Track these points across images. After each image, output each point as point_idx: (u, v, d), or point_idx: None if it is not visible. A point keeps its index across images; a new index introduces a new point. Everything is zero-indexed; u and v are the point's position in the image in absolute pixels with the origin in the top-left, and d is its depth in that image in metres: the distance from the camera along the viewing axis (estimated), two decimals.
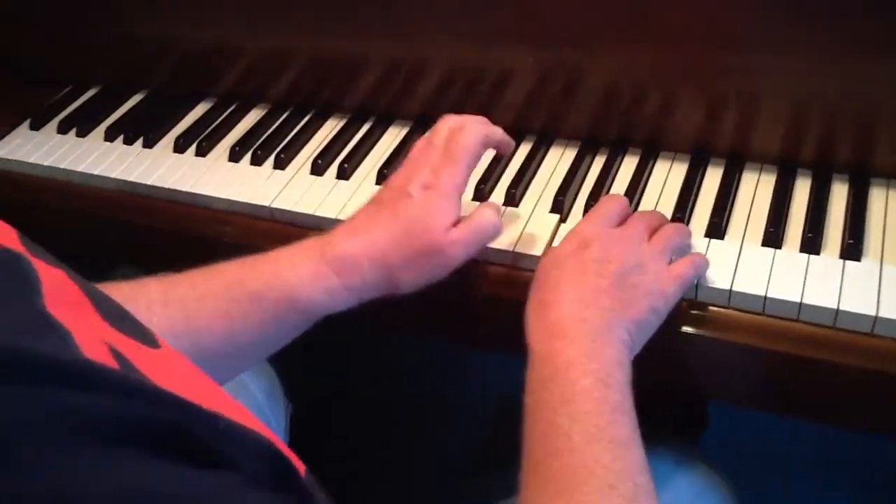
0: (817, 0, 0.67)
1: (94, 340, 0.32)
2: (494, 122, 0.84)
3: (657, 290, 0.61)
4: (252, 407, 0.81)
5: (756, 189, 0.74)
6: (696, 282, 0.65)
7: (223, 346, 0.59)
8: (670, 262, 0.64)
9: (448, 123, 0.68)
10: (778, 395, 0.70)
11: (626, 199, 0.68)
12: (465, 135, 0.66)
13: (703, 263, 0.65)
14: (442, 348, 1.36)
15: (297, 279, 0.60)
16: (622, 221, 0.66)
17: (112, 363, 0.31)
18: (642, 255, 0.62)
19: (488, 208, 0.65)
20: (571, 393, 0.53)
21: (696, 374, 0.70)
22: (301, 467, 0.38)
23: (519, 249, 0.71)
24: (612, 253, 0.61)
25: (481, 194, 0.77)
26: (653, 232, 0.65)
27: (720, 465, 0.76)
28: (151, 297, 0.58)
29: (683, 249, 0.67)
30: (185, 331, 0.57)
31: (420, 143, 0.68)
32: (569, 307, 0.58)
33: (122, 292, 0.56)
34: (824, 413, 0.70)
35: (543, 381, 0.55)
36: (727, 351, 0.65)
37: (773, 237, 0.68)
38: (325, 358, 1.29)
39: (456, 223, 0.63)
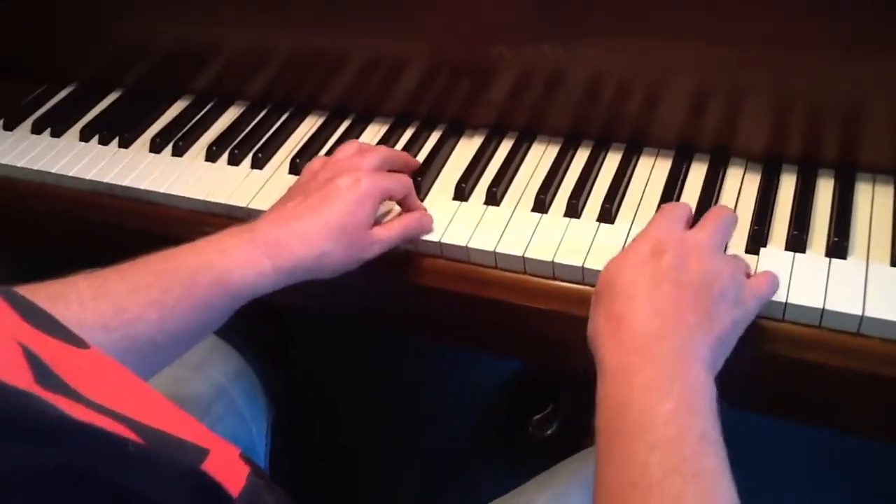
0: None
1: (4, 341, 0.30)
2: (476, 119, 0.84)
3: (739, 303, 0.57)
4: (232, 412, 0.79)
5: (741, 185, 0.73)
6: None
7: (156, 335, 0.58)
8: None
9: (383, 149, 0.73)
10: (763, 397, 0.69)
11: (689, 206, 0.63)
12: (373, 149, 0.72)
13: (777, 281, 0.62)
14: (424, 347, 1.35)
15: (227, 263, 0.61)
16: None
17: (22, 366, 0.30)
18: (723, 263, 0.57)
19: (415, 222, 0.70)
20: (650, 418, 0.48)
21: None
22: (236, 485, 0.36)
23: (500, 250, 0.70)
24: (692, 259, 0.56)
25: (462, 193, 0.76)
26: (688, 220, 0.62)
27: None
28: (82, 293, 0.57)
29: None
30: (117, 323, 0.56)
31: (348, 149, 0.71)
32: (647, 322, 0.53)
33: (52, 290, 0.56)
34: (811, 414, 0.69)
35: (620, 402, 0.50)
36: None
37: (758, 235, 0.67)
38: (308, 361, 1.28)
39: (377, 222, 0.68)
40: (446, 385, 1.36)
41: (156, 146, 0.88)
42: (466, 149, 0.82)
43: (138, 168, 0.85)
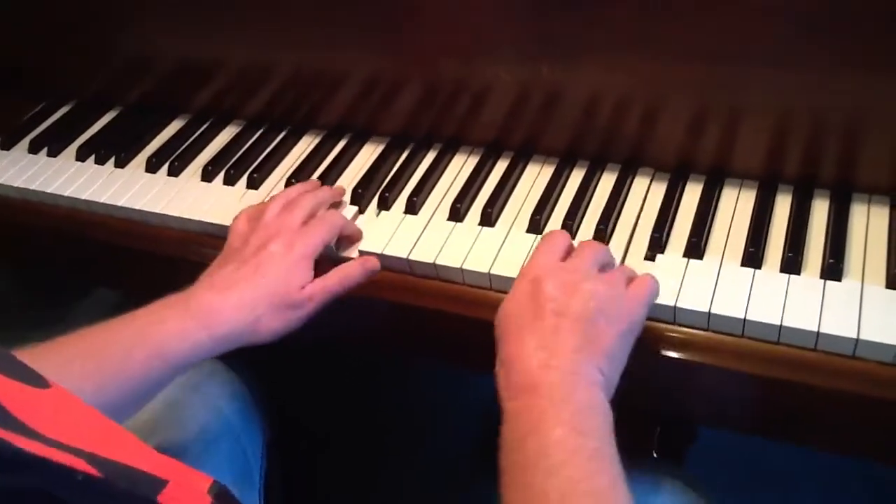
0: (802, 17, 0.65)
1: None
2: (472, 138, 0.84)
3: (622, 316, 0.58)
4: (228, 434, 0.79)
5: (736, 206, 0.73)
6: (674, 304, 0.64)
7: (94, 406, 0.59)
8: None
9: (308, 198, 0.74)
10: (762, 420, 0.68)
11: (567, 234, 0.65)
12: (328, 215, 0.73)
13: (655, 281, 0.63)
14: (420, 364, 1.35)
15: (163, 336, 0.62)
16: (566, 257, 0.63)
17: None
18: (598, 282, 0.59)
19: (352, 269, 0.70)
20: (545, 447, 0.51)
21: (674, 400, 0.69)
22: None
23: (495, 271, 0.70)
24: (568, 285, 0.58)
25: (457, 214, 0.76)
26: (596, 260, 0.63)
27: (711, 481, 0.74)
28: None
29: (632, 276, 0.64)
30: None
31: (275, 208, 0.72)
32: (532, 357, 0.55)
33: None
34: (810, 438, 0.69)
35: (517, 439, 0.53)
36: (706, 375, 0.64)
37: (753, 257, 0.67)
38: (304, 379, 1.28)
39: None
40: (443, 401, 1.36)
41: (152, 166, 0.88)
42: (462, 169, 0.82)
43: (134, 188, 0.85)
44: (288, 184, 0.83)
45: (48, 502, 0.31)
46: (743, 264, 0.67)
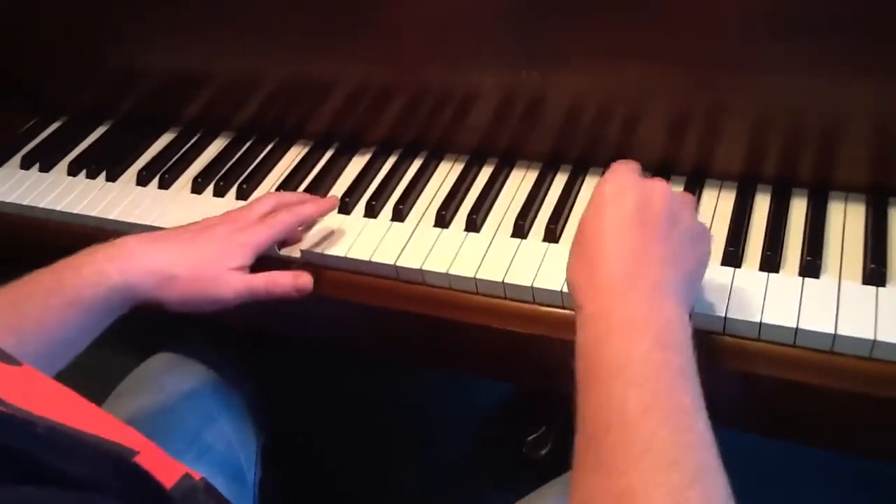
0: (780, 20, 0.67)
1: None
2: (457, 145, 0.85)
3: (700, 238, 0.58)
4: (221, 440, 0.80)
5: (716, 206, 0.74)
6: None
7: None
8: None
9: (276, 198, 0.76)
10: (746, 416, 0.69)
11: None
12: (286, 213, 0.74)
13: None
14: (418, 369, 1.36)
15: (79, 280, 0.63)
16: None
17: None
18: (679, 202, 0.58)
19: (282, 278, 0.71)
20: (627, 356, 0.48)
21: None
22: (169, 479, 0.37)
23: (481, 276, 0.71)
24: (653, 197, 0.56)
25: (443, 220, 0.77)
26: None
27: None
28: None
29: None
30: None
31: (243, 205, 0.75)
32: (618, 262, 0.53)
33: None
34: (793, 433, 0.70)
35: (596, 344, 0.50)
36: None
37: (733, 256, 0.68)
38: (303, 385, 1.28)
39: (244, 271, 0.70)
40: (443, 405, 1.37)
41: (142, 179, 0.89)
42: (447, 176, 0.83)
43: (125, 201, 0.87)
44: None
45: (7, 454, 0.32)
46: (723, 263, 0.68)
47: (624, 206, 0.56)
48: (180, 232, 0.70)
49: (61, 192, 0.89)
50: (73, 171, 0.93)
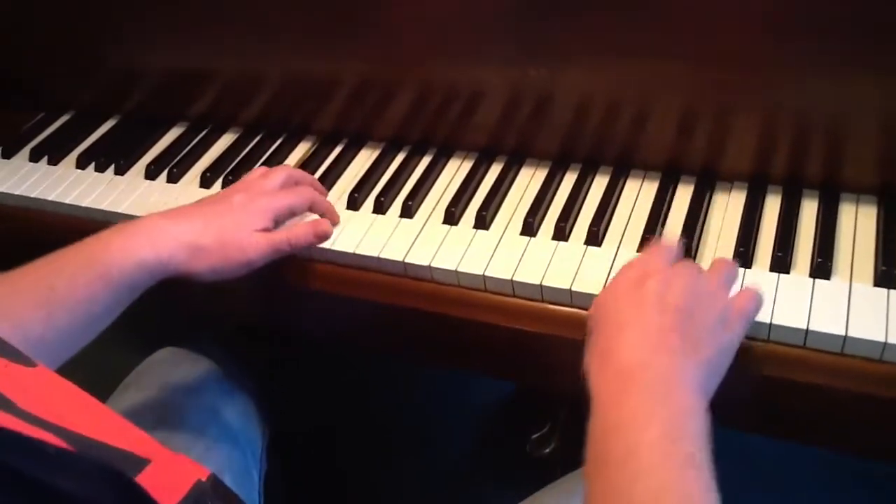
0: (791, 18, 0.66)
1: None
2: (466, 143, 0.85)
3: (724, 327, 0.57)
4: (226, 436, 0.80)
5: (727, 206, 0.74)
6: None
7: (46, 333, 0.60)
8: None
9: (287, 170, 0.77)
10: (753, 417, 0.69)
11: (676, 249, 0.64)
12: (306, 188, 0.77)
13: (761, 297, 0.61)
14: (422, 367, 1.36)
15: (107, 255, 0.64)
16: None
17: None
18: (705, 287, 0.58)
19: (302, 228, 0.73)
20: (635, 446, 0.48)
21: None
22: (175, 495, 0.38)
23: (490, 273, 0.71)
24: (674, 286, 0.57)
25: (452, 217, 0.77)
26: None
27: None
28: None
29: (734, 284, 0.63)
30: (8, 327, 0.58)
31: (257, 171, 0.77)
32: (633, 350, 0.54)
33: None
34: (801, 434, 0.69)
35: (606, 432, 0.51)
36: None
37: (743, 256, 0.68)
38: (305, 382, 1.28)
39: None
40: (445, 404, 1.37)
41: (151, 173, 0.89)
42: (456, 173, 0.83)
43: (134, 195, 0.87)
44: None
45: (15, 479, 0.32)
46: None
47: (643, 296, 0.56)
48: (199, 205, 0.71)
49: (70, 186, 0.89)
50: (81, 164, 0.93)
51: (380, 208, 0.80)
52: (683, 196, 0.76)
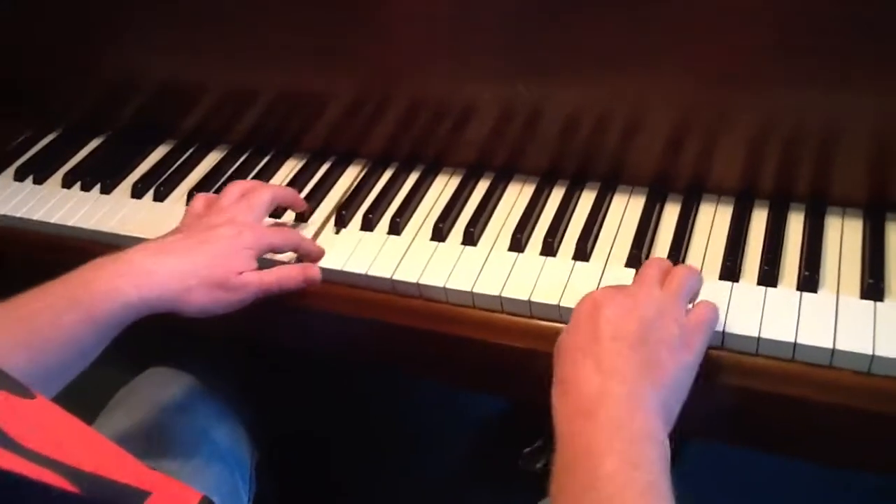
0: (777, 36, 0.67)
1: None
2: (454, 159, 0.85)
3: (683, 344, 0.57)
4: (215, 457, 0.79)
5: (713, 220, 0.74)
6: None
7: (28, 374, 0.57)
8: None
9: (272, 190, 0.77)
10: (743, 431, 0.69)
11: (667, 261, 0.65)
12: (259, 194, 0.75)
13: (715, 308, 0.62)
14: (416, 380, 1.36)
15: (92, 297, 0.62)
16: None
17: None
18: (659, 305, 0.58)
19: (293, 271, 0.72)
20: (594, 478, 0.49)
21: None
22: None
23: (478, 290, 0.70)
24: (628, 311, 0.57)
25: (440, 234, 0.77)
26: (665, 275, 0.62)
27: (699, 497, 0.74)
28: None
29: (698, 294, 0.64)
30: None
31: (232, 195, 0.75)
32: (589, 381, 0.54)
33: None
34: (792, 448, 0.69)
35: (566, 465, 0.51)
36: None
37: (731, 270, 0.68)
38: (299, 396, 1.28)
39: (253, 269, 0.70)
40: (437, 418, 1.36)
41: (137, 191, 0.89)
42: (444, 189, 0.83)
43: (120, 214, 0.86)
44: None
45: None
46: (721, 277, 0.68)
47: (598, 324, 0.56)
48: (182, 239, 0.69)
49: (55, 205, 0.89)
50: (67, 183, 0.92)
51: (368, 225, 0.80)
52: (671, 210, 0.76)
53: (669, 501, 0.48)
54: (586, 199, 0.79)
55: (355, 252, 0.76)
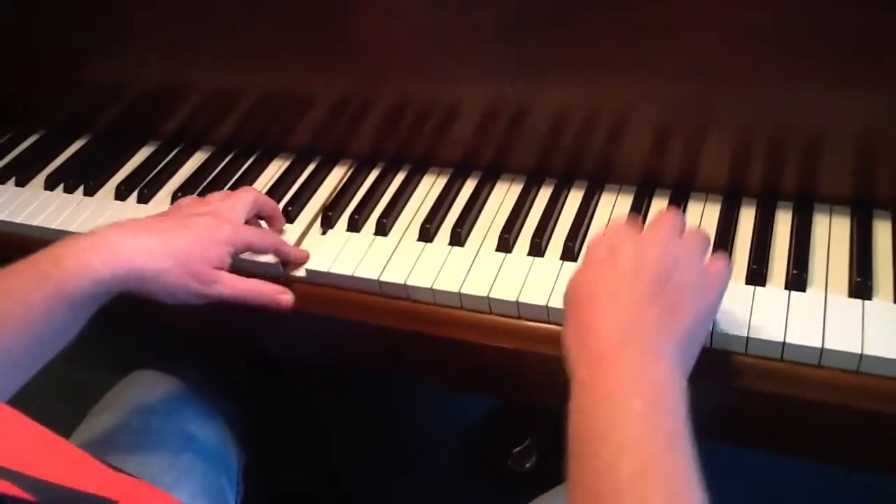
0: (768, 34, 0.67)
1: None
2: (440, 159, 0.85)
3: (702, 291, 0.56)
4: (201, 460, 0.78)
5: (701, 220, 0.74)
6: None
7: (2, 356, 0.58)
8: None
9: (254, 194, 0.76)
10: (734, 430, 0.69)
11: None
12: (242, 193, 0.75)
13: (730, 264, 0.60)
14: (402, 381, 1.35)
15: (62, 273, 0.61)
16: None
17: None
18: (680, 252, 0.56)
19: (267, 288, 0.72)
20: (619, 420, 0.47)
21: None
22: None
23: (465, 290, 0.70)
24: (647, 255, 0.55)
25: (427, 234, 0.76)
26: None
27: None
28: None
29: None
30: None
31: (218, 194, 0.75)
32: (610, 327, 0.52)
33: None
34: (784, 446, 0.70)
35: (588, 409, 0.49)
36: None
37: None
38: (292, 399, 1.27)
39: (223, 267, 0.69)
40: (426, 418, 1.36)
41: (121, 193, 0.88)
42: (431, 189, 0.83)
43: (103, 216, 0.85)
44: None
45: None
46: None
47: (616, 267, 0.55)
48: (162, 220, 0.68)
49: (38, 207, 0.88)
50: (49, 185, 0.91)
51: (354, 226, 0.79)
52: (658, 210, 0.75)
53: (691, 448, 0.47)
54: (574, 199, 0.79)
55: (342, 253, 0.75)
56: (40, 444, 0.38)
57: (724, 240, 0.71)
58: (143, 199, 0.87)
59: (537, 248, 0.73)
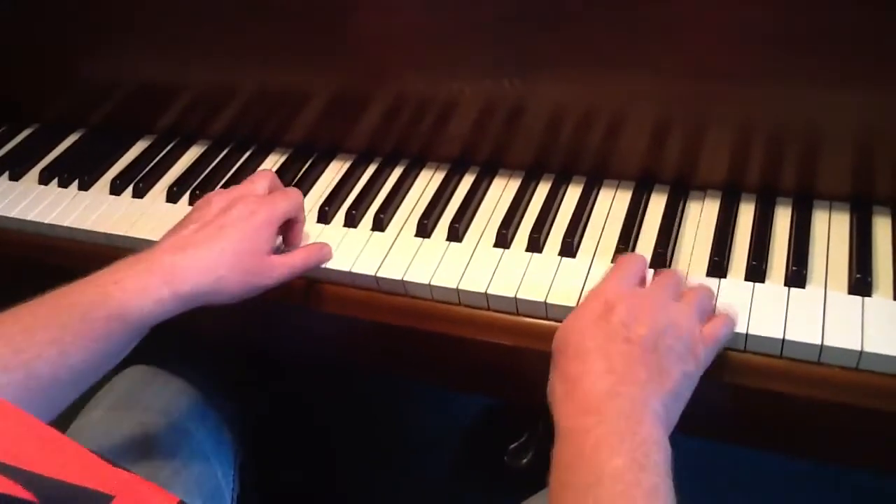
0: (767, 31, 0.66)
1: None
2: (438, 154, 0.84)
3: (689, 354, 0.57)
4: (198, 456, 0.78)
5: (701, 215, 0.74)
6: None
7: (59, 372, 0.58)
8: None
9: (270, 176, 0.74)
10: (733, 428, 0.69)
11: (643, 259, 0.64)
12: (292, 190, 0.73)
13: (734, 321, 0.62)
14: (402, 382, 1.35)
15: (124, 295, 0.61)
16: (642, 284, 0.63)
17: None
18: (674, 315, 0.58)
19: (314, 245, 0.72)
20: (600, 474, 0.49)
21: None
22: None
23: (463, 287, 0.70)
24: (642, 314, 0.57)
25: (424, 230, 0.76)
26: (678, 287, 0.62)
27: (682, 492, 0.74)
28: None
29: (710, 312, 0.63)
30: (15, 364, 0.56)
31: (247, 185, 0.72)
32: (599, 381, 0.53)
33: None
34: (782, 444, 0.69)
35: (570, 461, 0.51)
36: None
37: (718, 266, 0.68)
38: (289, 397, 1.27)
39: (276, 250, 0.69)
40: (423, 415, 1.36)
41: (116, 188, 0.87)
42: (428, 184, 0.82)
43: (98, 210, 0.85)
44: None
45: None
46: (708, 274, 0.68)
47: (610, 324, 0.56)
48: (199, 229, 0.67)
49: (32, 202, 0.87)
50: (44, 179, 0.91)
51: (351, 221, 0.78)
52: (657, 205, 0.75)
53: (672, 501, 0.49)
54: (572, 194, 0.78)
55: (338, 249, 0.75)
56: (35, 439, 0.38)
57: (724, 236, 0.70)
58: (139, 193, 0.86)
59: (535, 244, 0.72)
